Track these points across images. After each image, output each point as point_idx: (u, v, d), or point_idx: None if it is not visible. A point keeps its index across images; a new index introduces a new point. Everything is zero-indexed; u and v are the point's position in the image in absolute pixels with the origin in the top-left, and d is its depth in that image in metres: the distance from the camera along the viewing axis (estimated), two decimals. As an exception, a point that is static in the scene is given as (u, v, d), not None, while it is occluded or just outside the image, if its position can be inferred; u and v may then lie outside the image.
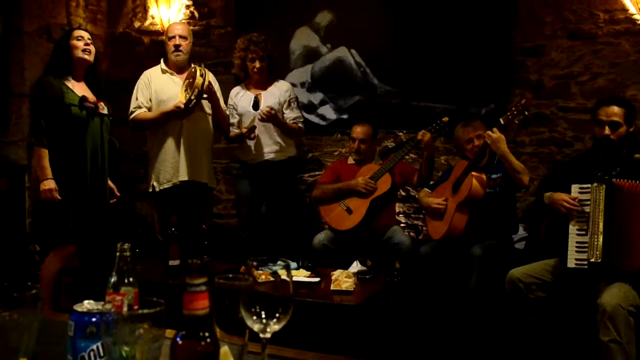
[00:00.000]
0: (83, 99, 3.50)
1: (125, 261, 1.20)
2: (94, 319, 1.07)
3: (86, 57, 3.58)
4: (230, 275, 1.11)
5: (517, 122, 3.56)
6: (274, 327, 1.05)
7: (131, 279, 1.22)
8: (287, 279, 1.09)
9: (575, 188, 3.05)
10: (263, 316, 1.05)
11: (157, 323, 0.97)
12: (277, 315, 1.06)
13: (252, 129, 4.04)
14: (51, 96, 3.46)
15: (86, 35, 3.62)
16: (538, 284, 3.15)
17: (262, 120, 4.04)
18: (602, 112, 3.11)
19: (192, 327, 0.92)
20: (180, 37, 4.05)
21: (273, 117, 4.03)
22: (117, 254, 1.20)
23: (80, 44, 3.56)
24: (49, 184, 3.42)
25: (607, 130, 3.07)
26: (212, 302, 1.01)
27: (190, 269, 0.90)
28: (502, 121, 3.53)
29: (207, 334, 0.92)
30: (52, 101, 3.46)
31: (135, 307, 1.16)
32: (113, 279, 1.21)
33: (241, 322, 1.09)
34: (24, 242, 4.62)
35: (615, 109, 3.09)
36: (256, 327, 1.06)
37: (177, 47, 4.04)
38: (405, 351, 3.42)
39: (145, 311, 0.92)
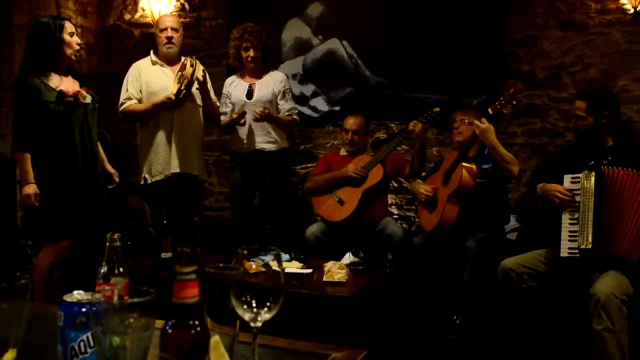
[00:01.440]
0: (60, 93, 3.45)
1: (115, 251, 1.20)
2: (83, 309, 1.06)
3: (75, 57, 3.57)
4: (221, 265, 1.10)
5: (505, 111, 3.58)
6: (265, 316, 1.05)
7: (121, 270, 1.21)
8: (278, 268, 1.09)
9: (567, 178, 3.07)
10: (254, 305, 1.05)
11: (147, 312, 0.96)
12: (268, 304, 1.05)
13: (242, 114, 4.03)
14: (29, 96, 3.41)
15: (73, 28, 3.57)
16: (530, 274, 3.16)
17: (256, 120, 4.03)
18: (574, 106, 3.26)
19: (182, 316, 0.91)
20: (172, 29, 4.03)
21: (267, 117, 4.02)
22: (107, 244, 1.19)
23: (74, 42, 3.50)
24: (29, 189, 3.39)
25: (572, 123, 3.23)
26: (203, 292, 1.00)
27: (179, 257, 0.89)
28: (490, 111, 3.54)
29: (197, 323, 0.91)
30: (30, 101, 3.41)
31: (126, 297, 1.15)
32: (103, 270, 1.21)
33: (232, 312, 1.08)
34: (15, 236, 4.59)
35: (578, 102, 3.21)
36: (247, 316, 1.05)
37: (169, 40, 4.02)
38: (398, 342, 3.43)
39: (135, 300, 0.92)
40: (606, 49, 4.19)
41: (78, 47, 3.54)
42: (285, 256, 3.51)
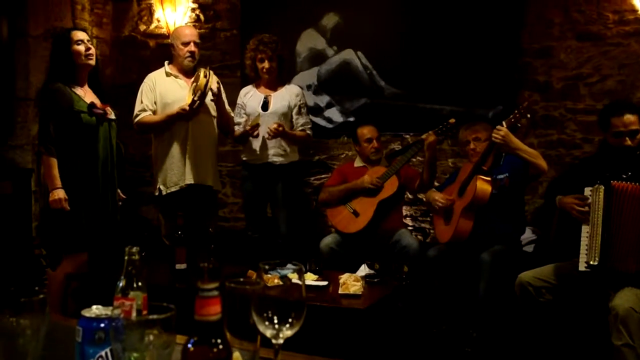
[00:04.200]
0: (92, 105, 3.46)
1: (133, 265, 1.18)
2: (102, 325, 1.04)
3: (90, 62, 3.51)
4: (242, 279, 1.08)
5: (519, 125, 3.51)
6: (287, 332, 1.03)
7: (140, 284, 1.19)
8: (299, 282, 1.07)
9: (587, 191, 3.02)
10: (275, 321, 1.02)
11: (167, 328, 0.95)
12: (290, 320, 1.03)
13: (255, 126, 4.03)
14: (61, 103, 3.40)
15: (85, 36, 3.53)
16: (548, 288, 3.11)
17: (268, 138, 4.04)
18: (618, 123, 3.08)
19: (204, 333, 0.89)
20: (195, 43, 4.03)
21: (280, 134, 4.02)
22: (126, 257, 1.17)
23: (82, 48, 3.47)
24: (59, 193, 3.36)
25: (628, 142, 3.07)
26: (223, 307, 0.99)
27: (201, 273, 0.88)
28: (504, 124, 3.48)
29: (219, 340, 0.89)
30: (62, 108, 3.40)
31: (144, 312, 1.13)
32: (121, 284, 1.19)
33: (252, 326, 1.06)
34: (29, 246, 4.60)
35: (631, 117, 3.07)
36: (268, 332, 1.03)
37: (192, 54, 4.02)
38: (413, 355, 3.38)
39: (155, 317, 0.90)
40: (624, 59, 4.15)
41: (87, 53, 3.49)
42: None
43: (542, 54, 4.38)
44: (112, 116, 3.61)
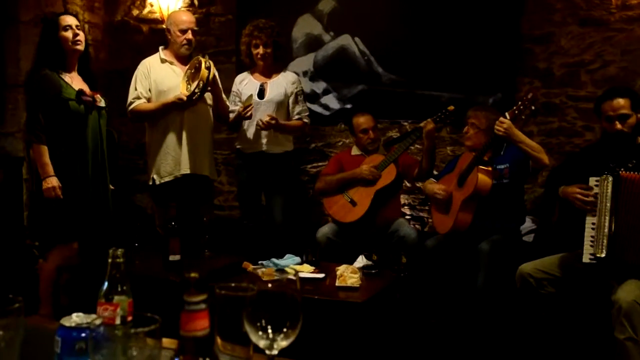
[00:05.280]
0: (80, 92, 3.37)
1: (117, 268, 1.11)
2: (82, 335, 0.97)
3: (78, 47, 3.41)
4: (233, 285, 1.01)
5: (523, 117, 3.43)
6: (282, 343, 0.96)
7: (124, 287, 1.12)
8: (295, 281, 1.00)
9: (592, 181, 2.95)
10: (269, 331, 0.95)
11: (152, 337, 0.88)
12: (285, 330, 0.96)
13: (248, 106, 3.95)
14: (49, 91, 3.32)
15: (74, 21, 3.43)
16: (549, 280, 3.05)
17: (262, 129, 3.96)
18: (607, 107, 3.02)
19: (191, 350, 0.82)
20: (192, 30, 3.93)
21: (273, 126, 3.94)
22: (109, 260, 1.10)
23: (69, 34, 3.38)
24: (52, 181, 3.29)
25: (618, 125, 2.99)
26: (213, 311, 0.92)
27: (188, 285, 0.80)
28: (508, 115, 3.40)
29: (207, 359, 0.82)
30: (49, 96, 3.32)
31: (129, 318, 1.07)
32: (105, 287, 1.12)
33: (244, 334, 0.99)
34: (21, 236, 4.53)
35: (621, 101, 3.00)
36: (262, 343, 0.96)
37: (189, 42, 3.92)
38: (411, 347, 3.33)
39: (140, 330, 0.83)
40: (627, 45, 4.06)
41: (75, 39, 3.40)
42: (296, 259, 3.44)
43: (542, 40, 4.29)
44: (102, 104, 3.51)
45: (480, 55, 4.40)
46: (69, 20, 3.42)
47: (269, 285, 0.96)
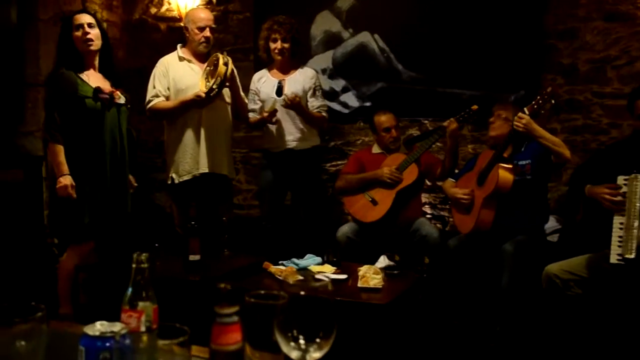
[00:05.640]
0: (97, 90, 3.36)
1: (142, 274, 1.06)
2: (107, 344, 0.93)
3: (90, 47, 3.38)
4: (262, 292, 0.97)
5: (543, 112, 3.36)
6: (314, 355, 0.91)
7: (149, 293, 1.08)
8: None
9: (620, 179, 2.88)
10: (301, 341, 0.91)
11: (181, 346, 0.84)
12: (318, 340, 0.91)
13: (273, 112, 3.91)
14: (65, 89, 3.31)
15: (86, 20, 3.38)
16: (576, 281, 2.99)
17: (285, 106, 3.91)
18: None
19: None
20: (211, 28, 3.90)
21: (297, 105, 3.89)
22: (133, 265, 1.06)
23: (79, 33, 3.35)
24: (65, 180, 3.29)
25: None
26: (243, 320, 0.88)
27: (219, 296, 0.76)
28: (527, 111, 3.33)
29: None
30: (65, 94, 3.31)
31: (155, 325, 1.03)
32: (129, 293, 1.08)
33: (275, 343, 0.95)
34: (42, 235, 4.54)
35: None
36: (294, 354, 0.91)
37: (207, 40, 3.89)
38: (434, 349, 3.28)
39: (167, 342, 0.79)
40: (655, 41, 3.97)
41: (84, 38, 3.36)
42: (317, 259, 3.39)
43: (567, 36, 4.21)
44: (122, 101, 3.49)
45: (503, 52, 4.32)
46: (81, 18, 3.39)
47: (302, 292, 0.91)
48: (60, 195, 3.29)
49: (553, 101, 3.31)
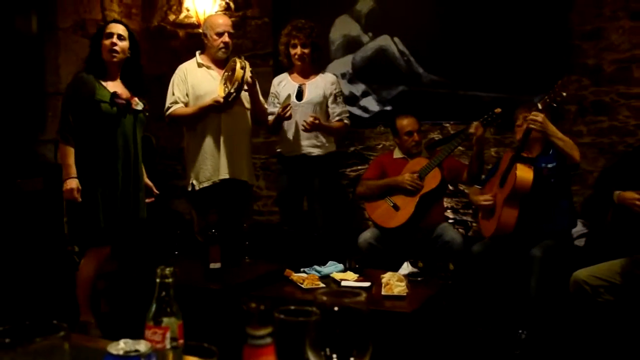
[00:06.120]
0: (114, 95, 3.35)
1: (166, 289, 1.03)
2: (132, 364, 0.89)
3: (113, 58, 3.38)
4: (292, 308, 0.92)
5: (555, 105, 3.30)
6: (349, 374, 0.86)
7: (174, 309, 1.04)
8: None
9: (654, 184, 2.80)
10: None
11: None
12: (352, 359, 0.87)
13: (287, 107, 3.87)
14: (82, 92, 3.32)
15: (117, 29, 3.40)
16: (606, 287, 2.91)
17: (305, 131, 3.88)
18: None
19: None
20: (229, 33, 3.89)
21: (318, 126, 3.86)
22: (157, 280, 1.02)
23: (107, 43, 3.36)
24: (71, 183, 3.28)
25: None
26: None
27: (250, 316, 0.71)
28: (540, 106, 3.27)
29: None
30: (81, 97, 3.32)
31: (180, 341, 0.99)
32: (153, 309, 1.04)
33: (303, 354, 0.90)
34: (62, 243, 4.53)
35: None
36: (327, 374, 0.87)
37: (226, 45, 3.88)
38: (459, 356, 3.21)
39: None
40: (682, 40, 3.88)
41: (111, 48, 3.36)
42: (339, 266, 3.35)
43: (592, 36, 4.13)
44: (139, 107, 3.48)
45: (526, 53, 4.25)
46: (114, 28, 3.41)
47: (335, 308, 0.86)
48: (66, 197, 3.31)
49: (564, 93, 3.24)
